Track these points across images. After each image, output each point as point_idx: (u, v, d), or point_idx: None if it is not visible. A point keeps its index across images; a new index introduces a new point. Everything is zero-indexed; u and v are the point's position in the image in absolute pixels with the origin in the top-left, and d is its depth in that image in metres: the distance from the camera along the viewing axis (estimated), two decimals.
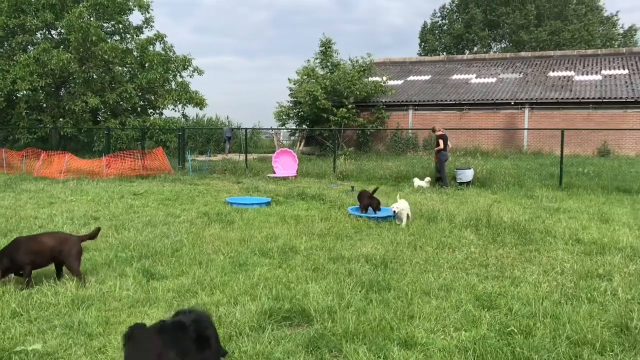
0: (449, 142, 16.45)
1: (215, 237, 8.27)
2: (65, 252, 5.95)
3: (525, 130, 29.21)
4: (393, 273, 6.31)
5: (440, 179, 15.75)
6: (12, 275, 5.95)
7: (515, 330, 4.51)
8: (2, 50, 28.47)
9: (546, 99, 29.30)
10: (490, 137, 29.68)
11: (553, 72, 33.30)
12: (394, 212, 9.59)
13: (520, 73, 34.13)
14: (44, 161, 19.15)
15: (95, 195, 13.27)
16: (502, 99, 30.15)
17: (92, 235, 6.45)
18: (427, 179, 15.73)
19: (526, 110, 29.73)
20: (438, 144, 15.89)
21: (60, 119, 27.67)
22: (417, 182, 15.59)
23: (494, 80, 33.55)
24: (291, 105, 32.70)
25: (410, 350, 4.18)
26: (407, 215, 9.58)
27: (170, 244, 7.73)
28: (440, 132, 16.18)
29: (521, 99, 29.75)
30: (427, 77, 36.04)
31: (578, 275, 6.22)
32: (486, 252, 7.38)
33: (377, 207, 10.38)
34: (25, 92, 26.76)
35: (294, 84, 32.21)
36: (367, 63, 32.10)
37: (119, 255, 7.02)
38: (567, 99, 28.85)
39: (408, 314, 4.95)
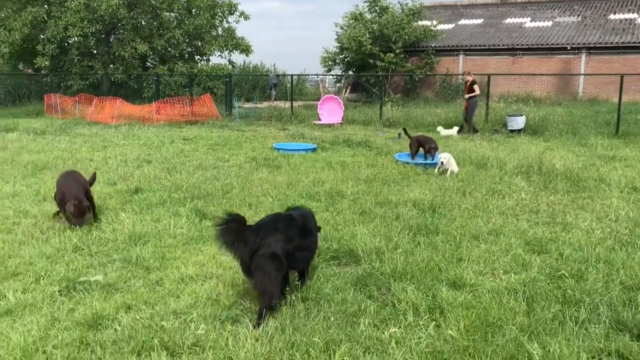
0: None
1: (263, 180, 8.40)
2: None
3: (581, 77, 27.97)
4: (441, 218, 6.29)
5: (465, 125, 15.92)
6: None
7: (567, 274, 4.47)
8: None
9: (605, 43, 27.81)
10: (544, 83, 28.60)
11: (614, 14, 31.42)
12: (441, 162, 9.21)
13: (578, 16, 32.37)
14: (96, 107, 19.67)
15: (147, 139, 13.60)
16: (557, 44, 28.80)
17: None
18: (455, 127, 15.86)
19: (583, 56, 28.36)
20: (473, 90, 15.83)
21: (111, 65, 28.10)
22: (453, 131, 15.56)
23: (549, 24, 31.97)
24: (337, 51, 32.19)
25: (459, 290, 4.21)
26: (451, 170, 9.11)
27: (221, 186, 7.92)
28: (472, 77, 16.20)
29: (578, 44, 28.34)
30: (479, 21, 34.66)
31: (634, 222, 6.05)
32: (537, 198, 7.24)
33: (430, 151, 10.21)
34: (76, 38, 27.26)
35: (341, 28, 31.57)
36: (417, 6, 31.07)
37: (172, 196, 7.25)
38: (628, 43, 27.30)
39: (457, 256, 4.97)
